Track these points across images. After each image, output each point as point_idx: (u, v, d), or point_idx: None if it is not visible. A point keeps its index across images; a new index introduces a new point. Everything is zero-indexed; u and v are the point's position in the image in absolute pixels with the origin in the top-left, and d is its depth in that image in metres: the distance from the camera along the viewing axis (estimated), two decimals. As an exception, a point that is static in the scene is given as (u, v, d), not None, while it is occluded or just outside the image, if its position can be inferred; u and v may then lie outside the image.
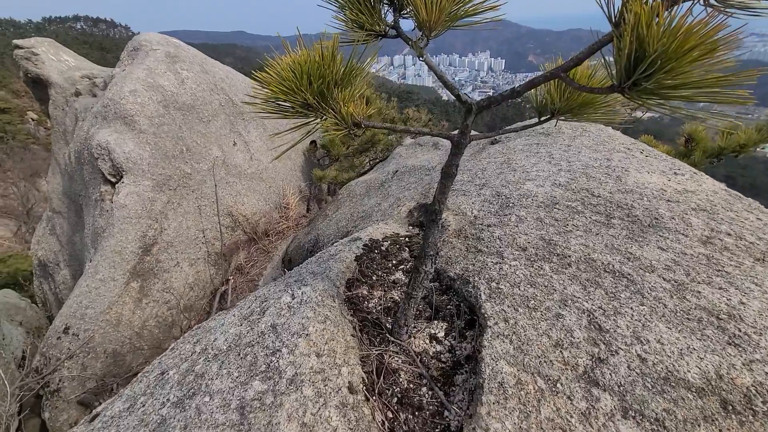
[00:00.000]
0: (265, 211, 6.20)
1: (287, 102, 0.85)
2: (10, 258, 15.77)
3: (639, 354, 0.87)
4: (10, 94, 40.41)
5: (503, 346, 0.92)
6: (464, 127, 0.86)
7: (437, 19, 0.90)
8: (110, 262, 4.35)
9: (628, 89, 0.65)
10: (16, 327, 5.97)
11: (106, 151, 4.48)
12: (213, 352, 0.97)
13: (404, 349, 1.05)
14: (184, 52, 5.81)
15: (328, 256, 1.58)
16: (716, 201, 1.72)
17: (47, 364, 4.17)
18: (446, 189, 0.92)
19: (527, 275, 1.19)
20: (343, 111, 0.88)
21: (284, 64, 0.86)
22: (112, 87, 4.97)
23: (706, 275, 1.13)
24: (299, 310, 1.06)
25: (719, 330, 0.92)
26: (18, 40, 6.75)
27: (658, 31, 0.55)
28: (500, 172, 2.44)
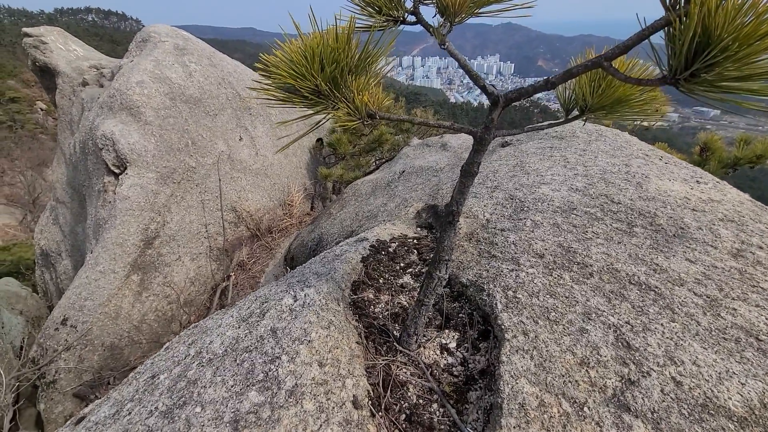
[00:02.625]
0: (269, 207, 6.14)
1: (297, 88, 0.78)
2: (15, 246, 15.86)
3: (673, 376, 0.79)
4: (20, 84, 40.74)
5: (523, 363, 0.85)
6: (489, 121, 0.79)
7: (462, 3, 0.83)
8: (111, 254, 4.30)
9: (684, 81, 0.57)
10: (17, 316, 5.95)
11: (111, 141, 4.43)
12: (208, 357, 0.90)
13: (413, 360, 0.97)
14: (193, 44, 5.77)
15: (333, 257, 1.51)
16: (743, 212, 1.63)
17: (44, 354, 4.13)
18: (466, 189, 0.84)
19: (546, 284, 1.11)
20: (357, 100, 0.80)
21: (295, 47, 0.79)
22: (119, 77, 4.93)
23: (740, 291, 1.05)
24: (301, 314, 0.99)
25: (760, 353, 0.84)
26: (27, 28, 6.74)
27: (730, 11, 0.47)
28: (513, 175, 2.35)
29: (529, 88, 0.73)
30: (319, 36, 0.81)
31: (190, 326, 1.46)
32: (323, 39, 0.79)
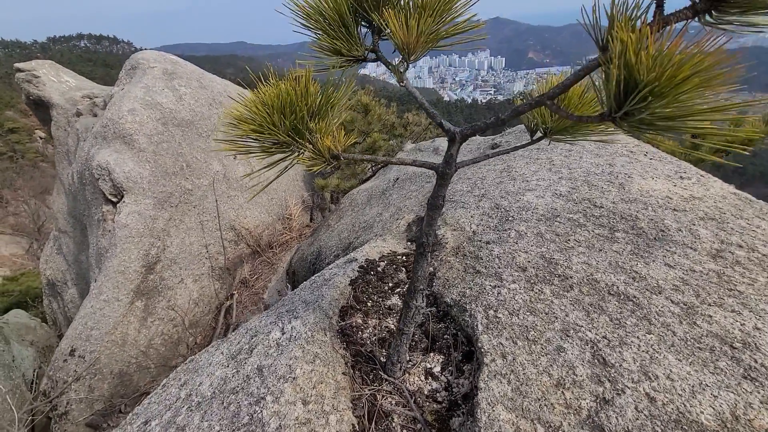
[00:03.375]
0: (268, 222, 6.18)
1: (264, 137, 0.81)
2: (23, 276, 15.98)
3: (647, 392, 0.81)
4: (18, 114, 41.17)
5: (501, 388, 0.86)
6: (449, 156, 0.81)
7: (416, 42, 0.85)
8: (114, 282, 4.35)
9: (620, 119, 0.59)
10: (27, 347, 6.00)
11: (106, 171, 4.49)
12: (197, 400, 0.93)
13: (398, 389, 0.99)
14: (182, 68, 5.83)
15: (323, 281, 1.53)
16: (725, 208, 1.64)
17: (54, 387, 4.17)
18: (433, 221, 0.87)
19: (527, 300, 1.13)
20: (320, 145, 0.83)
21: (252, 99, 0.81)
22: (111, 107, 4.99)
23: (717, 296, 1.06)
24: (287, 349, 1.01)
25: (734, 361, 0.85)
26: (19, 63, 6.84)
27: (648, 60, 0.49)
28: (500, 182, 2.37)
29: (481, 124, 0.75)
30: (277, 86, 0.84)
31: (186, 361, 1.48)
32: (281, 89, 0.81)
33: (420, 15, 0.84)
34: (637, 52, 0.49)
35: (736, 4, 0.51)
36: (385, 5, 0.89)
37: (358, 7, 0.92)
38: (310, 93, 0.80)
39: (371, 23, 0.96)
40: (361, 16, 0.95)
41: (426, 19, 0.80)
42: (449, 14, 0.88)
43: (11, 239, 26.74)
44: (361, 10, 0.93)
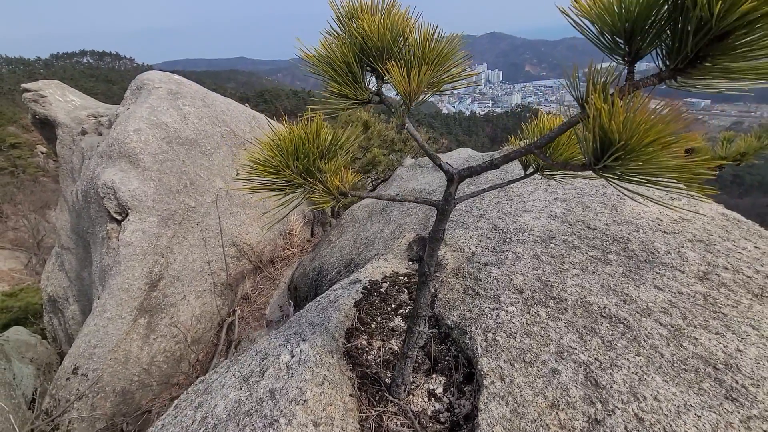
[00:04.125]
0: (270, 238, 6.24)
1: (277, 179, 0.88)
2: (22, 291, 15.92)
3: (636, 413, 0.87)
4: (20, 129, 41.56)
5: (499, 410, 0.92)
6: (448, 194, 0.89)
7: (417, 90, 0.94)
8: (117, 300, 4.39)
9: (600, 170, 0.67)
10: (27, 365, 5.99)
11: (112, 190, 4.57)
12: (213, 422, 0.98)
13: (402, 410, 1.05)
14: (186, 87, 5.97)
15: (328, 303, 1.59)
16: (713, 230, 1.71)
17: (57, 405, 4.17)
18: (434, 253, 0.94)
19: (523, 323, 1.19)
20: (330, 184, 0.91)
21: (268, 144, 0.89)
22: (117, 126, 5.10)
23: (702, 318, 1.13)
24: (297, 372, 1.07)
25: (716, 382, 0.91)
26: (26, 83, 6.98)
27: (619, 126, 0.57)
28: (497, 202, 2.45)
29: (476, 167, 0.83)
30: (290, 130, 0.92)
31: (196, 381, 1.53)
32: (295, 134, 0.89)
33: (420, 66, 0.92)
34: (610, 119, 0.57)
35: (694, 74, 0.60)
36: (388, 57, 0.98)
37: (364, 57, 1.00)
38: (321, 137, 0.88)
39: (375, 70, 1.05)
40: (366, 64, 1.04)
41: (426, 71, 0.89)
42: (447, 64, 0.97)
43: (10, 254, 26.71)
44: (366, 60, 1.02)
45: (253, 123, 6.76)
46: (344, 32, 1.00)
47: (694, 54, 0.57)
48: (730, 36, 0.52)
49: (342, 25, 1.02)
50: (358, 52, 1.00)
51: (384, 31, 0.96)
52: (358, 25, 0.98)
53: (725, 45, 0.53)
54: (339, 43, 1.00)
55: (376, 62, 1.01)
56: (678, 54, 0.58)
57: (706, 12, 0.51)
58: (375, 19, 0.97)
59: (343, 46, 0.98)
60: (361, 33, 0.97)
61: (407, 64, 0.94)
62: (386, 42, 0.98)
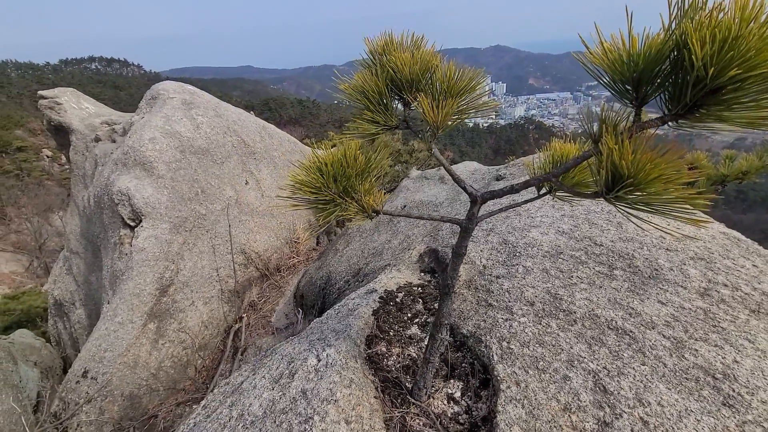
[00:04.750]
0: (277, 246, 6.33)
1: (317, 197, 0.98)
2: (24, 295, 15.98)
3: (641, 417, 0.95)
4: (26, 133, 42.01)
5: (516, 411, 1.01)
6: (471, 214, 0.99)
7: (443, 119, 1.04)
8: (129, 304, 4.47)
9: (613, 197, 0.77)
10: (32, 368, 6.04)
11: (126, 197, 4.69)
12: (250, 419, 1.07)
13: (424, 411, 1.13)
14: (199, 98, 6.13)
15: (347, 311, 1.68)
16: (714, 248, 1.80)
17: (66, 408, 4.23)
18: (457, 267, 1.03)
19: (536, 333, 1.28)
20: (364, 202, 1.01)
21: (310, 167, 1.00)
22: (132, 135, 5.23)
23: (703, 332, 1.21)
24: (326, 374, 1.16)
25: (715, 390, 1.00)
26: (42, 90, 7.16)
27: (627, 163, 0.67)
28: (506, 217, 2.54)
29: (498, 191, 0.93)
30: (331, 153, 1.03)
31: (221, 383, 1.62)
32: (335, 158, 1.00)
33: (446, 99, 1.03)
34: (620, 157, 0.67)
35: (692, 119, 0.70)
36: (416, 88, 1.09)
37: (394, 87, 1.11)
38: (358, 161, 0.98)
39: (403, 98, 1.16)
40: (395, 93, 1.15)
41: (452, 104, 0.99)
42: (470, 95, 1.08)
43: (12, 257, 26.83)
44: (396, 90, 1.13)
45: (262, 133, 6.90)
46: (377, 65, 1.11)
47: (692, 103, 0.67)
48: (722, 91, 0.63)
49: (374, 59, 1.14)
50: (389, 83, 1.11)
51: (413, 65, 1.07)
52: (389, 60, 1.09)
53: (718, 98, 0.63)
54: (372, 75, 1.11)
55: (404, 92, 1.12)
56: (678, 102, 0.68)
57: (702, 72, 0.61)
58: (405, 55, 1.08)
59: (376, 78, 1.09)
60: (393, 67, 1.08)
61: (435, 96, 1.04)
62: (415, 75, 1.09)
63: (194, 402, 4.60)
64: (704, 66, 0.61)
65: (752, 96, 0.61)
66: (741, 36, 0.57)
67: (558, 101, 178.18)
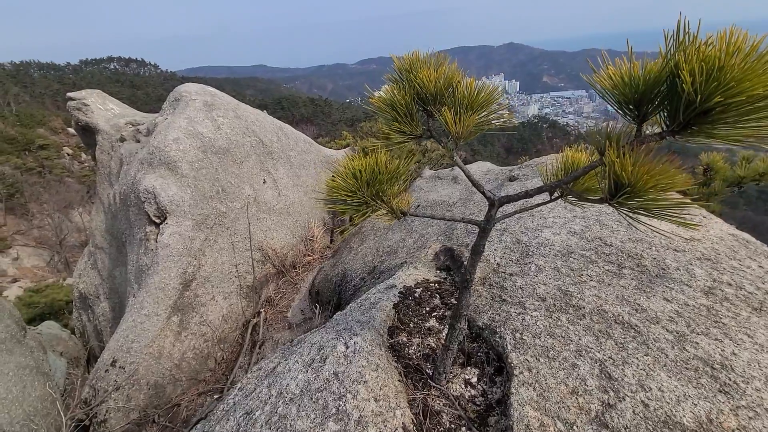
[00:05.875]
0: (293, 244, 6.51)
1: (351, 200, 1.11)
2: (47, 288, 16.54)
3: (643, 400, 1.05)
4: (48, 131, 43.23)
5: (528, 393, 1.12)
6: (489, 216, 1.10)
7: (464, 131, 1.16)
8: (154, 298, 4.68)
9: (615, 203, 0.87)
10: (59, 358, 6.32)
11: (152, 195, 4.90)
12: (289, 396, 1.20)
13: (444, 393, 1.25)
14: (220, 99, 6.33)
15: (370, 305, 1.81)
16: (721, 249, 1.88)
17: (95, 395, 4.45)
18: (476, 263, 1.15)
19: (546, 326, 1.39)
20: (393, 205, 1.13)
21: (344, 173, 1.12)
22: (157, 135, 5.45)
23: (704, 327, 1.31)
24: (355, 359, 1.29)
25: (712, 379, 1.09)
26: (71, 92, 7.46)
27: (627, 174, 0.78)
28: (519, 217, 2.64)
29: (514, 195, 1.04)
30: (363, 160, 1.15)
31: (252, 370, 1.76)
32: (368, 165, 1.12)
33: (466, 112, 1.15)
34: (621, 169, 0.78)
35: (686, 134, 0.80)
36: (440, 102, 1.21)
37: (420, 101, 1.23)
38: (389, 168, 1.11)
39: (427, 110, 1.28)
40: (420, 106, 1.27)
41: (472, 117, 1.11)
42: (489, 108, 1.19)
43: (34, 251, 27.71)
44: (421, 103, 1.25)
45: (279, 133, 7.07)
46: (405, 81, 1.23)
47: (685, 121, 0.77)
48: (710, 112, 0.73)
49: (402, 75, 1.26)
50: (415, 96, 1.23)
51: (437, 82, 1.19)
52: (416, 77, 1.21)
53: (707, 118, 0.74)
54: (400, 90, 1.23)
55: (428, 105, 1.24)
56: (674, 120, 0.79)
57: (693, 97, 0.71)
58: (430, 72, 1.20)
59: (404, 92, 1.22)
60: (419, 83, 1.20)
61: (457, 110, 1.16)
62: (439, 90, 1.20)
63: (215, 392, 4.79)
64: (694, 91, 0.71)
65: (735, 117, 0.71)
66: (724, 68, 0.67)
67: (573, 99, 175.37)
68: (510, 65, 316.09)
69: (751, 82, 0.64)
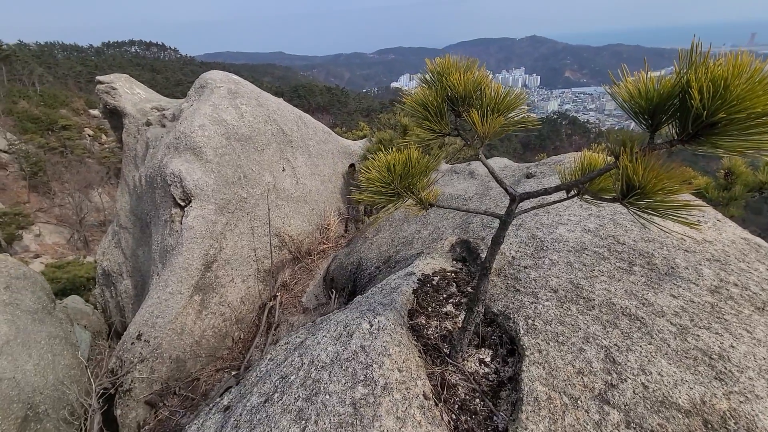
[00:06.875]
0: (309, 231, 6.68)
1: (385, 191, 1.23)
2: (69, 265, 17.12)
3: (643, 382, 1.15)
4: (71, 112, 44.21)
5: (538, 371, 1.23)
6: (510, 210, 1.21)
7: (490, 132, 1.27)
8: (178, 277, 4.90)
9: (627, 202, 0.98)
10: (84, 330, 6.65)
11: (178, 179, 5.09)
12: (320, 364, 1.34)
13: (460, 369, 1.37)
14: (243, 88, 6.48)
15: (390, 289, 1.94)
16: (731, 252, 1.95)
17: (122, 366, 4.72)
18: (495, 252, 1.26)
19: (557, 315, 1.49)
20: (422, 196, 1.25)
21: (379, 165, 1.24)
22: (183, 121, 5.63)
23: (707, 321, 1.40)
24: (379, 336, 1.42)
25: (709, 367, 1.19)
26: (100, 76, 7.70)
27: (638, 177, 0.88)
28: (535, 213, 2.73)
29: (533, 192, 1.15)
30: (396, 155, 1.27)
31: (279, 344, 1.91)
32: (402, 158, 1.24)
33: (493, 114, 1.25)
34: (632, 172, 0.88)
35: (694, 144, 0.90)
36: (468, 103, 1.31)
37: (450, 102, 1.34)
38: (420, 163, 1.22)
39: (456, 110, 1.38)
40: (449, 106, 1.38)
41: (498, 119, 1.21)
42: (514, 111, 1.29)
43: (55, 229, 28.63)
44: (450, 103, 1.35)
45: (299, 122, 7.20)
46: (437, 83, 1.34)
47: (693, 132, 0.87)
48: (716, 125, 0.83)
49: (434, 77, 1.36)
50: (446, 97, 1.34)
51: (467, 84, 1.29)
52: (447, 79, 1.31)
53: (713, 130, 0.83)
54: (431, 91, 1.34)
55: (457, 105, 1.35)
56: (683, 131, 0.89)
57: (700, 112, 0.81)
58: (460, 75, 1.30)
59: (435, 94, 1.32)
60: (449, 85, 1.31)
61: (484, 111, 1.27)
62: (468, 92, 1.31)
63: (233, 369, 5.02)
64: (702, 107, 0.81)
65: (738, 131, 0.80)
66: (729, 87, 0.77)
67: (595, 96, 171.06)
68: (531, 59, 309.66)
69: (751, 102, 0.74)
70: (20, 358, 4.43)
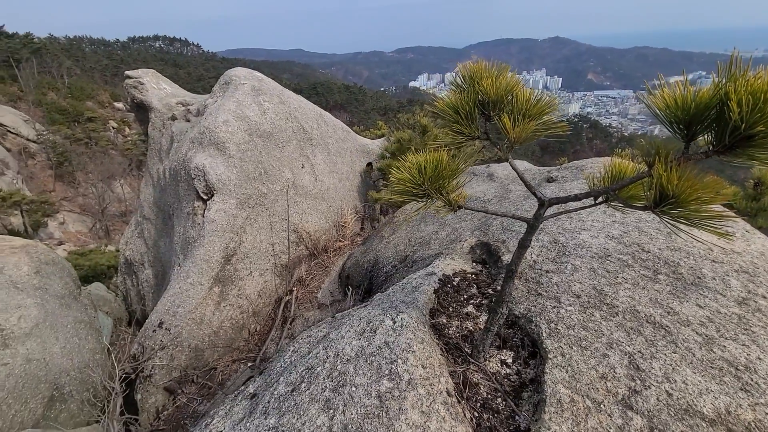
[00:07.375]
0: (325, 228, 6.76)
1: (415, 191, 1.26)
2: (91, 253, 17.65)
3: (667, 390, 1.16)
4: (96, 105, 45.49)
5: (561, 374, 1.25)
6: (539, 214, 1.23)
7: (520, 137, 1.29)
8: (199, 268, 5.03)
9: (660, 211, 0.99)
10: (106, 317, 6.86)
11: (202, 173, 5.22)
12: (346, 358, 1.38)
13: (482, 369, 1.40)
14: (266, 85, 6.58)
15: (412, 288, 1.97)
16: (760, 264, 1.92)
17: (143, 352, 4.87)
18: (521, 255, 1.28)
19: (580, 320, 1.50)
20: (451, 198, 1.28)
21: (410, 167, 1.27)
22: (208, 117, 5.76)
23: (734, 333, 1.39)
24: (402, 333, 1.45)
25: (735, 378, 1.19)
26: (128, 71, 7.93)
27: (672, 187, 0.89)
28: (557, 218, 2.72)
29: (563, 198, 1.17)
30: (426, 156, 1.30)
31: (302, 337, 1.96)
32: (433, 160, 1.27)
33: (524, 119, 1.27)
34: (667, 182, 0.89)
35: (730, 155, 0.91)
36: (499, 108, 1.33)
37: (480, 105, 1.36)
38: (450, 165, 1.25)
39: (485, 114, 1.41)
40: (479, 110, 1.40)
41: (529, 124, 1.23)
42: (544, 116, 1.31)
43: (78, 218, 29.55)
44: (481, 107, 1.38)
45: (319, 120, 7.28)
46: (469, 87, 1.36)
47: (730, 144, 0.88)
48: (753, 138, 0.83)
49: (465, 81, 1.39)
50: (477, 101, 1.37)
51: (499, 89, 1.32)
52: (479, 85, 1.34)
53: (750, 143, 0.84)
54: (463, 95, 1.37)
55: (488, 110, 1.37)
56: (720, 142, 0.89)
57: (738, 124, 0.82)
58: (492, 80, 1.33)
59: (467, 98, 1.35)
60: (482, 90, 1.33)
61: (515, 116, 1.29)
62: (500, 97, 1.33)
63: (249, 360, 5.13)
64: (740, 119, 0.82)
65: (776, 144, 0.81)
66: (769, 100, 0.78)
67: (618, 99, 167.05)
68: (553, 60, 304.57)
69: (791, 115, 0.75)
70: (48, 341, 4.61)
